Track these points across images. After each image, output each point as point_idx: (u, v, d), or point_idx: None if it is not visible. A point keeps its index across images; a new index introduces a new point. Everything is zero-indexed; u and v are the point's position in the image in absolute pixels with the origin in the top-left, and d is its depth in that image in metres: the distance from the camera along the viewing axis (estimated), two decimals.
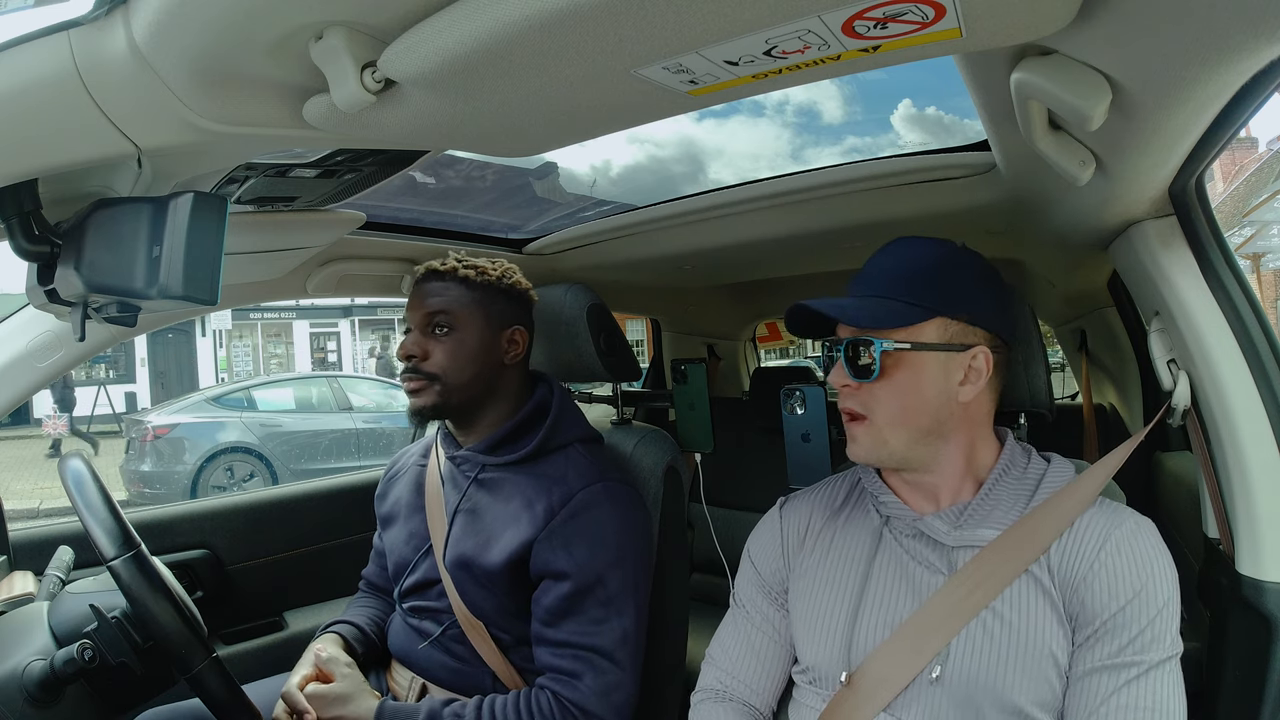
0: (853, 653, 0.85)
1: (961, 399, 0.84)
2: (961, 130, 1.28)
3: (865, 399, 0.86)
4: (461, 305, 1.18)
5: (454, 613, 1.16)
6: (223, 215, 0.80)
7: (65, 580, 1.02)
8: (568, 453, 1.19)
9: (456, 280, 1.19)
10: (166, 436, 7.43)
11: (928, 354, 0.83)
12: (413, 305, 1.21)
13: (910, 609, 0.84)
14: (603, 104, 0.72)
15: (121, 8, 0.60)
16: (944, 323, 0.84)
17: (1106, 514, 0.82)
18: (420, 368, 1.17)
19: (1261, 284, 13.00)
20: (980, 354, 0.85)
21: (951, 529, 0.85)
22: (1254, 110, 0.69)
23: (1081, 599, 0.78)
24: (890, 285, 0.86)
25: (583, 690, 1.07)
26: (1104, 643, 0.77)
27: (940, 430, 0.85)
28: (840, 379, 0.87)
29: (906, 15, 0.53)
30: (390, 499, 1.34)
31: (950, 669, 0.79)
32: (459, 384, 1.17)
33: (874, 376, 0.83)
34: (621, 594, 1.11)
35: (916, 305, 0.84)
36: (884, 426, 0.85)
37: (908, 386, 0.84)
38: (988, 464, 0.88)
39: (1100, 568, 0.78)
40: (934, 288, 0.85)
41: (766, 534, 1.01)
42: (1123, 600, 0.76)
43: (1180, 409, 0.98)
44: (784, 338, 3.61)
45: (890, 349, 0.83)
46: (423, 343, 1.18)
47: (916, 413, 0.84)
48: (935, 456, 0.86)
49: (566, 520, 1.11)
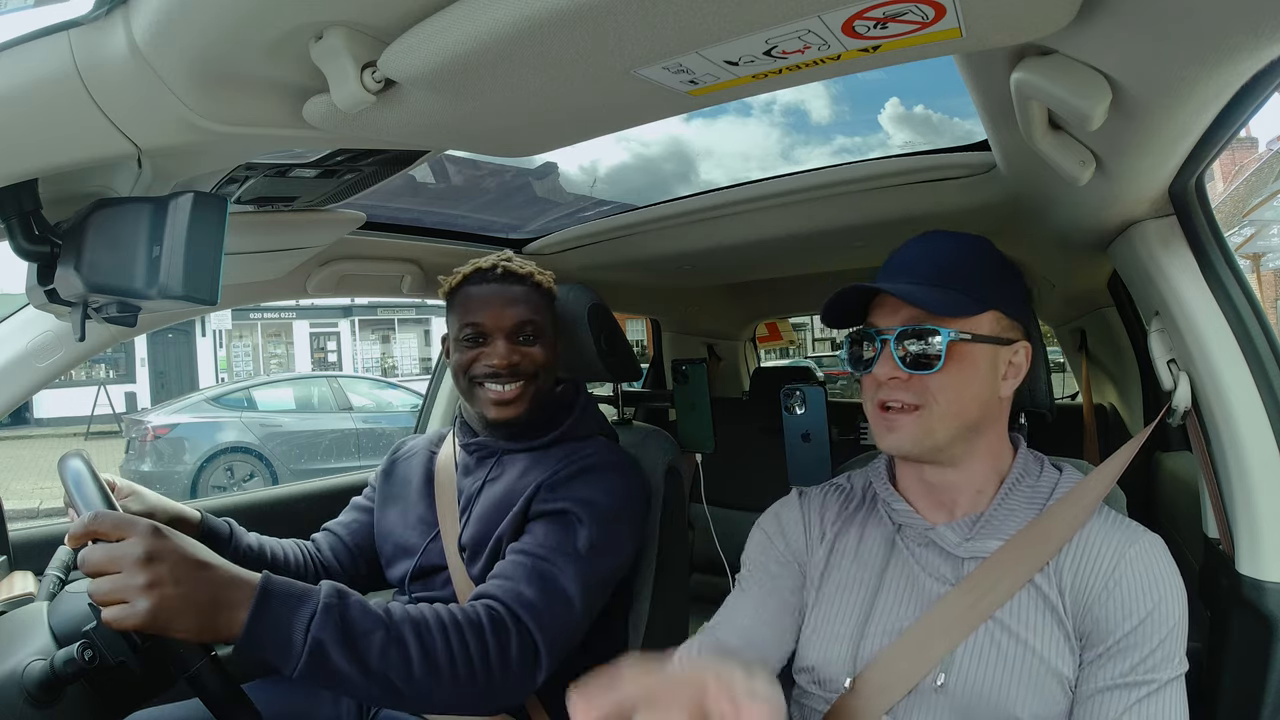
0: (858, 658, 0.84)
1: (1003, 394, 0.84)
2: (950, 129, 1.28)
3: (919, 389, 0.82)
4: (541, 310, 1.19)
5: (458, 600, 1.16)
6: (223, 215, 0.80)
7: (65, 580, 1.02)
8: (588, 442, 1.20)
9: (532, 284, 1.19)
10: (166, 436, 7.44)
11: (983, 346, 0.82)
12: (489, 311, 1.16)
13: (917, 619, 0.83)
14: (603, 104, 0.72)
15: (121, 8, 0.60)
16: (997, 316, 0.83)
17: (1119, 531, 0.81)
18: (521, 369, 1.15)
19: (1261, 284, 13.01)
20: (1022, 349, 0.84)
21: (963, 540, 0.83)
22: (1254, 110, 0.69)
23: (1094, 618, 0.77)
24: (946, 275, 0.84)
25: (526, 598, 0.97)
26: (1115, 662, 0.76)
27: (980, 426, 0.84)
28: (890, 371, 0.82)
29: (906, 15, 0.53)
30: (396, 478, 1.33)
31: (955, 678, 0.79)
32: (546, 388, 1.19)
33: (939, 366, 0.80)
34: (602, 545, 1.06)
35: (974, 297, 0.82)
36: (938, 418, 0.81)
37: (967, 378, 0.81)
38: (1004, 467, 0.87)
39: (1115, 586, 0.77)
40: (989, 280, 0.84)
41: (790, 514, 0.97)
42: (1136, 619, 0.75)
43: (1180, 409, 0.98)
44: (784, 338, 3.61)
45: (955, 339, 0.80)
46: (516, 350, 1.15)
47: (970, 404, 0.82)
48: (969, 452, 0.85)
49: (574, 475, 1.11)
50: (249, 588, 0.80)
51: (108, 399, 13.60)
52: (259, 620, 0.78)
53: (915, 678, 0.80)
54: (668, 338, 2.73)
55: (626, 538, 1.12)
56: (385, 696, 0.87)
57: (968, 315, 0.82)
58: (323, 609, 0.82)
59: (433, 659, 0.88)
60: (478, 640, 0.91)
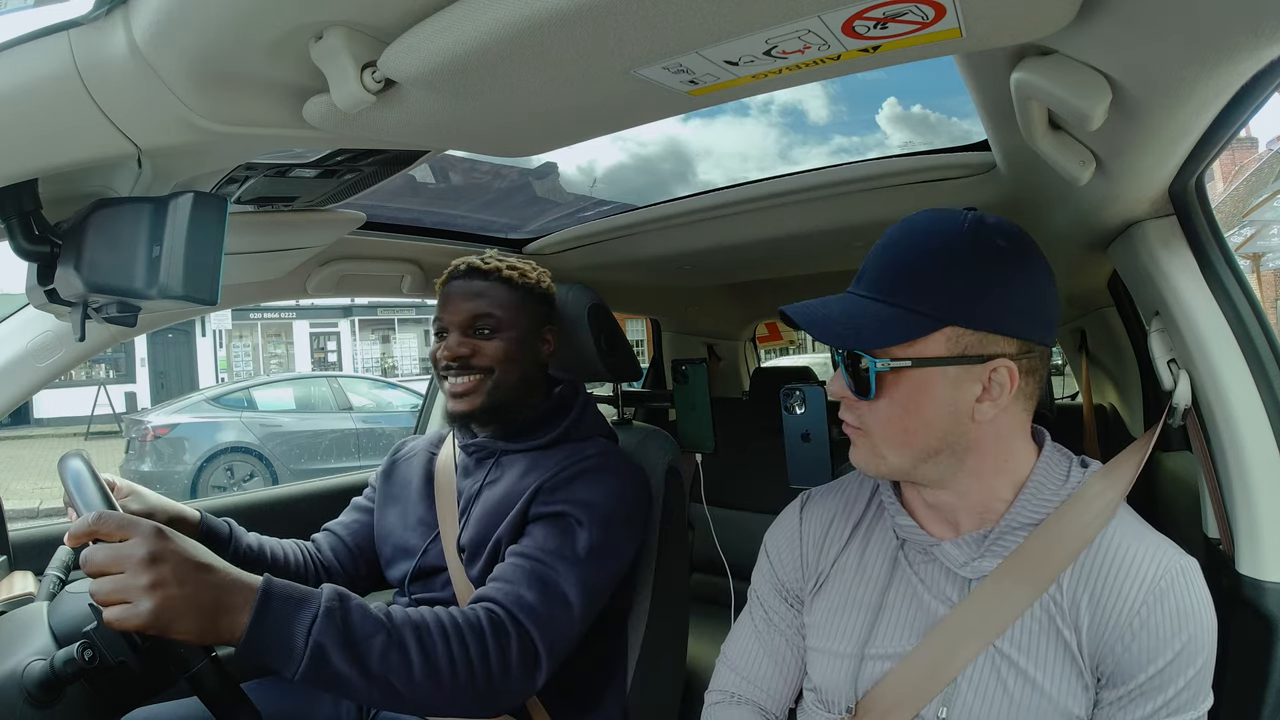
0: (860, 682, 0.81)
1: (979, 418, 0.72)
2: (948, 129, 1.28)
3: (863, 414, 0.76)
4: (505, 305, 1.18)
5: (458, 602, 1.16)
6: (223, 215, 0.80)
7: (65, 580, 1.02)
8: (588, 443, 1.20)
9: (500, 280, 1.19)
10: (166, 436, 7.44)
11: (934, 370, 0.71)
12: (450, 306, 1.19)
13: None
14: (603, 104, 0.72)
15: (121, 8, 0.60)
16: (956, 332, 0.71)
17: (1147, 554, 0.71)
18: (472, 363, 1.16)
19: (1261, 284, 13.01)
20: (1002, 367, 0.71)
21: (970, 560, 0.77)
22: (1254, 110, 0.69)
23: (1116, 658, 0.70)
24: (893, 284, 0.73)
25: (526, 601, 0.97)
26: (1139, 705, 0.70)
27: (952, 450, 0.74)
28: (838, 389, 0.77)
29: (906, 15, 0.53)
30: (397, 479, 1.33)
31: (958, 712, 0.74)
32: (508, 382, 1.17)
33: (870, 396, 0.73)
34: (601, 548, 1.06)
35: (921, 314, 0.71)
36: (880, 443, 0.75)
37: (908, 406, 0.72)
38: (1021, 477, 0.77)
39: (1141, 626, 0.69)
40: (943, 290, 0.71)
41: (784, 535, 0.93)
42: (1165, 660, 0.68)
43: (1180, 409, 0.98)
44: (784, 338, 3.61)
45: (885, 369, 0.71)
46: (467, 343, 1.17)
47: (918, 434, 0.73)
48: (949, 475, 0.76)
49: (573, 477, 1.10)
50: (250, 591, 0.80)
51: (108, 399, 13.60)
52: (260, 624, 0.79)
53: (917, 706, 0.76)
54: (668, 338, 2.73)
55: (626, 540, 1.12)
56: (386, 699, 0.87)
57: (909, 338, 0.71)
58: (324, 613, 0.82)
59: (433, 662, 0.88)
60: (478, 644, 0.91)
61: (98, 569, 0.75)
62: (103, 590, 0.74)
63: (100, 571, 0.75)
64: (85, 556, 0.76)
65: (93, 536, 0.77)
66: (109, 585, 0.74)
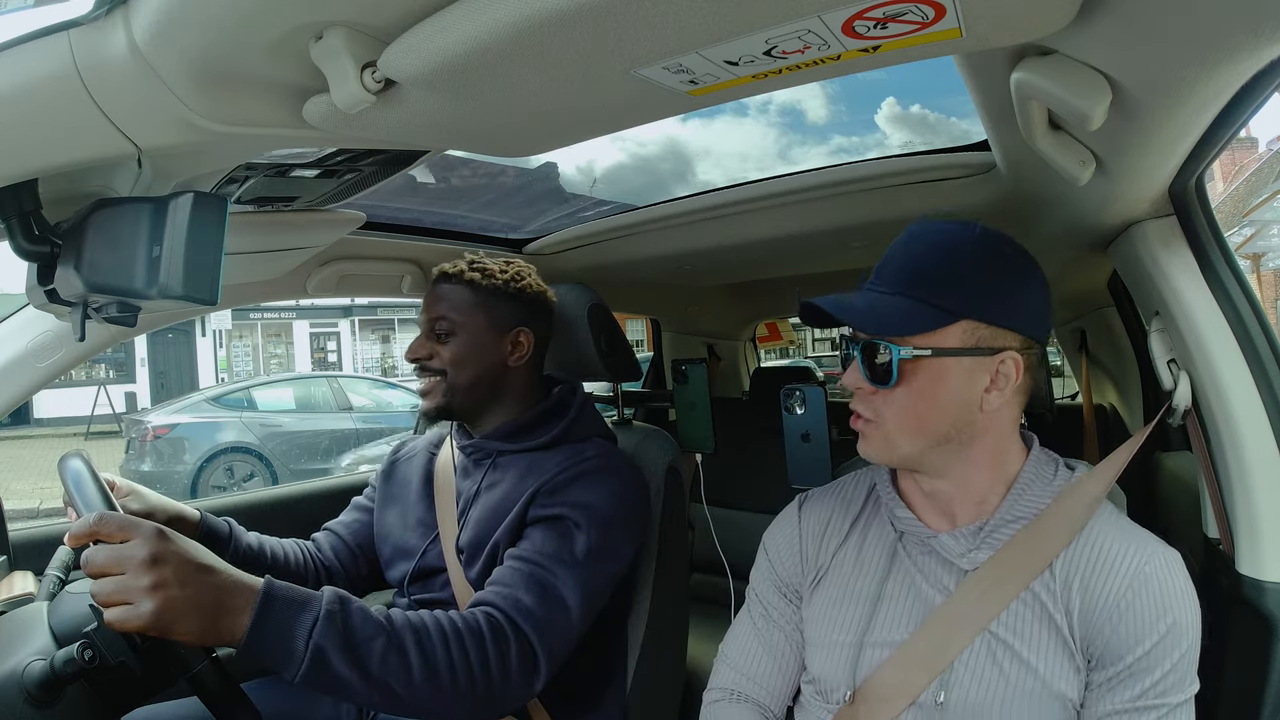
0: (859, 670, 0.83)
1: (986, 408, 0.78)
2: (947, 129, 1.29)
3: (878, 404, 0.80)
4: (462, 309, 1.19)
5: (456, 603, 1.16)
6: (223, 215, 0.80)
7: (65, 580, 1.02)
8: (587, 444, 1.20)
9: (462, 283, 1.20)
10: (166, 436, 7.44)
11: (950, 360, 0.77)
12: (423, 308, 1.23)
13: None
14: (603, 104, 0.72)
15: (121, 8, 0.60)
16: (971, 325, 0.77)
17: (1133, 544, 0.77)
18: (427, 365, 1.19)
19: (1261, 284, 13.01)
20: (1010, 359, 0.77)
21: (967, 551, 0.81)
22: (1254, 110, 0.69)
23: (1105, 640, 0.74)
24: (912, 281, 0.79)
25: (525, 605, 0.97)
26: (1126, 686, 0.73)
27: (959, 438, 0.79)
28: (854, 381, 0.81)
29: (906, 15, 0.53)
30: (397, 479, 1.33)
31: (955, 696, 0.77)
32: (462, 384, 1.18)
33: (891, 383, 0.77)
34: (600, 551, 1.06)
35: (940, 308, 0.77)
36: (893, 432, 0.80)
37: (925, 393, 0.77)
38: (1012, 473, 0.82)
39: (1127, 608, 0.73)
40: (961, 286, 0.77)
41: (783, 532, 0.96)
42: (1150, 643, 0.72)
43: (1181, 409, 0.98)
44: (784, 338, 3.60)
45: (909, 356, 0.76)
46: (425, 345, 1.20)
47: (931, 420, 0.78)
48: (952, 463, 0.81)
49: (572, 479, 1.10)
50: (251, 593, 0.80)
51: (108, 399, 13.60)
52: (261, 626, 0.79)
53: (915, 691, 0.78)
54: (668, 338, 2.73)
55: (624, 542, 1.12)
56: (385, 702, 0.87)
57: (930, 329, 0.77)
58: (325, 615, 0.82)
59: (433, 666, 0.88)
60: (477, 648, 0.92)
61: (99, 570, 0.75)
62: (104, 591, 0.74)
63: (101, 572, 0.75)
64: (86, 557, 0.76)
65: (94, 537, 0.77)
66: (110, 586, 0.74)
